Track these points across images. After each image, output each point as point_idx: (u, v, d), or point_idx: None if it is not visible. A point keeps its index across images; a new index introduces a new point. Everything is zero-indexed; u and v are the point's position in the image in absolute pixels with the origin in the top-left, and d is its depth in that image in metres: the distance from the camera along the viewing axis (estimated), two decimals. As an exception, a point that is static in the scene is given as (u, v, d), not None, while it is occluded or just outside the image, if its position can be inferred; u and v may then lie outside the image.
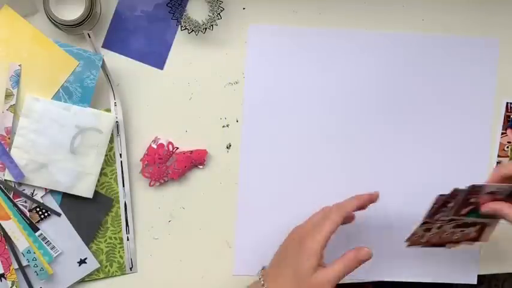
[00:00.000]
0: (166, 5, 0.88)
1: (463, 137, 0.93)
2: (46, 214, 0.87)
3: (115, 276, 0.91)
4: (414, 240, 0.85)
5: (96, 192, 0.88)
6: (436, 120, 0.93)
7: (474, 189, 0.80)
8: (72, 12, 0.84)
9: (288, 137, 0.92)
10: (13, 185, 0.86)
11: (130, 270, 0.91)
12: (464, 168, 0.93)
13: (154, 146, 0.89)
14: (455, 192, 0.80)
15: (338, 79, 0.92)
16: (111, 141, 0.88)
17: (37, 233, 0.87)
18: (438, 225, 0.83)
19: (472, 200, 0.81)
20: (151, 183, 0.90)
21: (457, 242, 0.88)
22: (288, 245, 0.85)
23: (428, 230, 0.84)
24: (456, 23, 0.93)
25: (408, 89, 0.92)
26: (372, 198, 0.87)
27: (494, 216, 0.84)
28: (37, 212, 0.87)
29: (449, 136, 0.93)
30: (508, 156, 0.94)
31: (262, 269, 0.87)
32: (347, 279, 0.94)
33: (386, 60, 0.92)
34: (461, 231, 0.87)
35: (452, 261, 0.93)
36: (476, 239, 0.88)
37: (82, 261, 0.89)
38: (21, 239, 0.86)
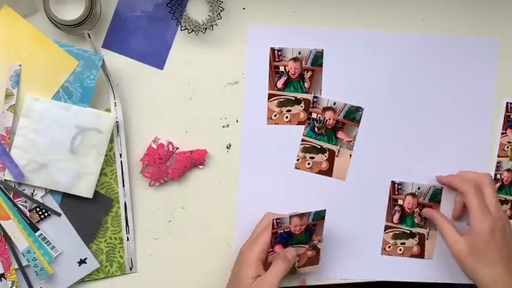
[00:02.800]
0: (166, 5, 0.88)
1: (463, 137, 0.93)
2: (46, 214, 0.87)
3: (115, 276, 0.91)
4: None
5: (96, 192, 0.88)
6: (436, 120, 0.93)
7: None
8: (72, 12, 0.84)
9: (288, 137, 0.92)
10: (13, 185, 0.86)
11: (130, 270, 0.91)
12: (464, 168, 0.93)
13: (154, 146, 0.89)
14: None
15: (337, 79, 0.92)
16: (111, 141, 0.88)
17: (37, 233, 0.87)
18: None
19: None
20: (151, 183, 0.90)
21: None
22: (234, 263, 0.88)
23: None
24: (456, 23, 0.93)
25: (408, 89, 0.92)
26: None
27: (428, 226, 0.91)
28: (37, 212, 0.87)
29: (449, 136, 0.93)
30: (508, 156, 0.94)
31: None
32: (349, 280, 0.94)
33: (386, 60, 0.92)
34: (401, 243, 0.92)
35: (453, 261, 0.93)
36: (421, 254, 0.92)
37: (82, 261, 0.89)
38: (21, 239, 0.86)
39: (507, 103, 0.94)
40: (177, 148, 0.90)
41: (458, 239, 0.87)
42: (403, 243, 0.93)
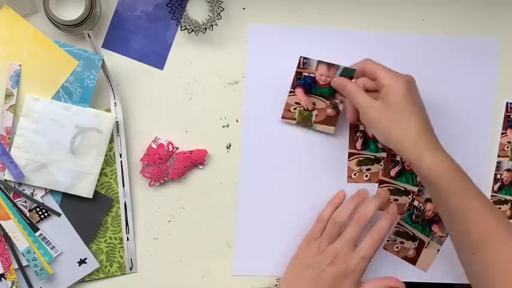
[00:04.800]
0: (166, 5, 0.89)
1: (463, 137, 0.93)
2: (46, 214, 0.87)
3: (115, 276, 0.91)
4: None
5: (96, 192, 0.88)
6: (436, 120, 0.93)
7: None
8: (72, 12, 0.84)
9: (288, 137, 0.92)
10: (13, 185, 0.86)
11: (130, 270, 0.91)
12: (464, 168, 0.93)
13: (154, 146, 0.89)
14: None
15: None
16: (111, 141, 0.88)
17: (37, 233, 0.87)
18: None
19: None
20: (151, 183, 0.90)
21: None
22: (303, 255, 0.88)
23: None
24: (456, 23, 0.93)
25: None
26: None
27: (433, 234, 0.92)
28: (37, 212, 0.87)
29: (448, 136, 0.93)
30: (507, 156, 0.94)
31: (277, 280, 0.89)
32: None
33: (387, 60, 0.92)
34: (400, 242, 0.93)
35: (452, 261, 0.93)
36: (415, 259, 0.93)
37: (82, 261, 0.89)
38: (21, 239, 0.86)
39: (507, 103, 0.94)
40: (177, 148, 0.90)
41: (373, 102, 0.82)
42: (368, 169, 0.92)
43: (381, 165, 0.92)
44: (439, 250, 0.93)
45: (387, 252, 0.93)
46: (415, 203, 0.92)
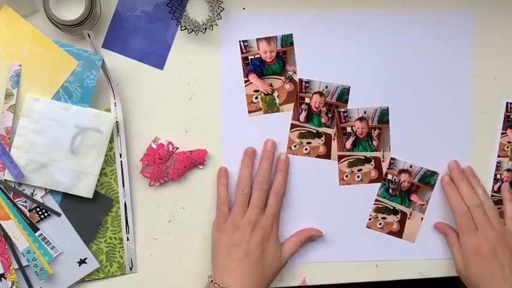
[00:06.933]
0: (166, 5, 0.89)
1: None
2: (46, 214, 0.87)
3: (115, 276, 0.91)
4: None
5: (96, 192, 0.88)
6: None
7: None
8: (72, 12, 0.84)
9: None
10: (13, 185, 0.86)
11: (130, 270, 0.91)
12: (446, 149, 0.93)
13: (154, 146, 0.89)
14: None
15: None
16: (111, 141, 0.88)
17: (37, 233, 0.87)
18: None
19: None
20: (151, 183, 0.90)
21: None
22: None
23: None
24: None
25: (390, 69, 0.91)
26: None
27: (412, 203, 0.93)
28: (37, 212, 0.87)
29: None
30: (507, 156, 0.94)
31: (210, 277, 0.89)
32: (350, 278, 0.94)
33: (372, 40, 0.91)
34: (382, 218, 0.92)
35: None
36: (400, 232, 0.93)
37: (82, 261, 0.89)
38: (21, 239, 0.86)
39: (507, 103, 0.94)
40: (177, 148, 0.90)
41: (459, 260, 0.90)
42: (309, 143, 0.91)
43: (322, 140, 0.91)
44: (422, 218, 0.93)
45: (371, 230, 0.93)
46: (389, 176, 0.92)
